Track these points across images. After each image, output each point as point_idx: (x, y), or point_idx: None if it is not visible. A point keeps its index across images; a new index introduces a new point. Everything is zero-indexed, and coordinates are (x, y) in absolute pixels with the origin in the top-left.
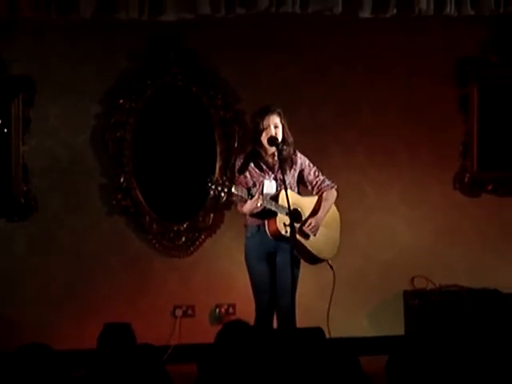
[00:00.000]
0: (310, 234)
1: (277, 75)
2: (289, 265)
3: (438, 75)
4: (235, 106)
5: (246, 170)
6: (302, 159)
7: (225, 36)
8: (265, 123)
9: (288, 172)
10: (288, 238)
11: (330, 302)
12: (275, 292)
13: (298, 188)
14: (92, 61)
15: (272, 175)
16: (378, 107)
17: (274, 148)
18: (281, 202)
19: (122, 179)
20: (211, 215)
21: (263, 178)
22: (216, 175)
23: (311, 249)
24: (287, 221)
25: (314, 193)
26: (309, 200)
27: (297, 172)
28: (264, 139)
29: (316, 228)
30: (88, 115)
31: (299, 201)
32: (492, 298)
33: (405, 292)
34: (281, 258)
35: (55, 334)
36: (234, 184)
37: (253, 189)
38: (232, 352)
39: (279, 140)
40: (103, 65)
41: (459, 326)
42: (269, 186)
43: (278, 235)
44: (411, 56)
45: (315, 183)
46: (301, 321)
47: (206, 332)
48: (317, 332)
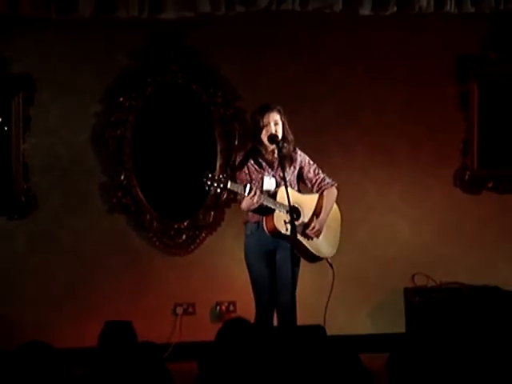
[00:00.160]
0: (314, 238)
1: (277, 73)
2: (288, 262)
3: (438, 73)
4: (235, 104)
5: (245, 166)
6: (302, 157)
7: (225, 34)
8: (265, 120)
9: (288, 169)
10: (286, 236)
11: (328, 300)
12: (275, 289)
13: (298, 186)
14: (92, 59)
15: (271, 172)
16: (379, 106)
17: (274, 145)
18: (279, 199)
19: (123, 177)
20: (212, 213)
21: (262, 175)
22: (215, 171)
23: (310, 247)
24: (285, 218)
25: (315, 191)
26: (308, 198)
27: (296, 169)
28: (264, 137)
29: (320, 232)
30: (88, 113)
31: (298, 198)
32: (492, 295)
33: (405, 289)
34: (280, 256)
35: (55, 334)
36: (231, 180)
37: (249, 185)
38: (233, 350)
39: (279, 137)
40: (103, 63)
41: (460, 323)
42: (268, 183)
43: (276, 232)
44: (411, 54)
45: (315, 181)
46: (301, 318)
47: (207, 330)
48: (317, 330)
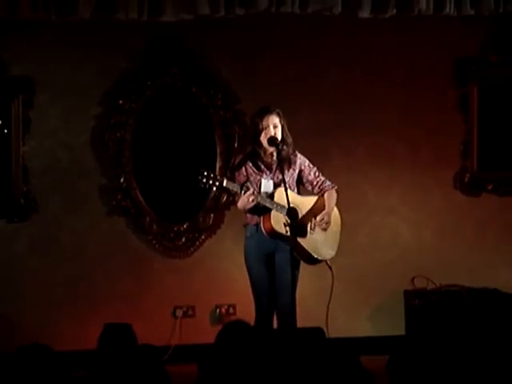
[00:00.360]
0: (313, 237)
1: (276, 76)
2: (288, 264)
3: (438, 75)
4: (235, 107)
5: (243, 168)
6: (302, 159)
7: (224, 36)
8: (264, 123)
9: (286, 172)
10: (284, 236)
11: (329, 303)
12: (275, 292)
13: (298, 188)
14: (92, 61)
15: (270, 175)
16: (378, 108)
17: (273, 148)
18: (276, 200)
19: (122, 180)
20: (211, 215)
21: (260, 178)
22: (214, 170)
23: (308, 249)
24: (283, 218)
25: (315, 192)
26: (307, 199)
27: (296, 172)
28: (263, 139)
29: (329, 223)
30: (88, 116)
31: (297, 199)
32: (492, 298)
33: (405, 292)
34: (280, 258)
35: (55, 335)
36: (228, 180)
37: (246, 184)
38: (232, 352)
39: (279, 140)
40: (103, 65)
41: (459, 326)
42: (266, 186)
43: (274, 233)
44: (411, 56)
45: (316, 183)
46: (301, 321)
47: (207, 332)
48: (317, 332)
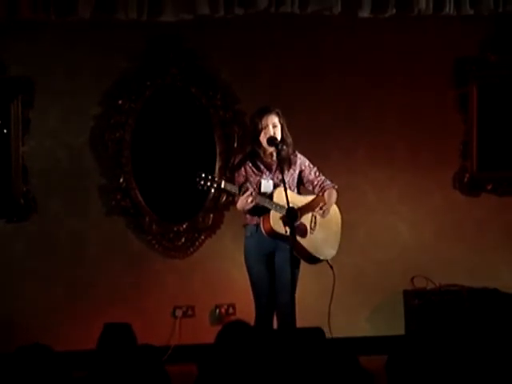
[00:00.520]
0: (313, 237)
1: (276, 76)
2: (288, 263)
3: (438, 75)
4: (235, 107)
5: (242, 168)
6: (302, 160)
7: (224, 36)
8: (263, 123)
9: (286, 172)
10: (283, 236)
11: (331, 302)
12: (275, 292)
13: (298, 189)
14: (91, 62)
15: (269, 175)
16: (378, 108)
17: (273, 148)
18: (276, 200)
19: (122, 180)
20: (211, 216)
21: (260, 178)
22: (215, 174)
23: (309, 249)
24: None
25: (316, 192)
26: (306, 199)
27: (296, 172)
28: (263, 139)
29: (326, 211)
30: (87, 116)
31: (296, 199)
32: (492, 298)
33: (405, 292)
34: (280, 257)
35: (55, 335)
36: (226, 181)
37: (244, 185)
38: (232, 352)
39: (278, 140)
40: (102, 66)
41: (459, 326)
42: (266, 186)
43: (273, 233)
44: (410, 56)
45: (317, 182)
46: (301, 321)
47: (206, 332)
48: (317, 332)
